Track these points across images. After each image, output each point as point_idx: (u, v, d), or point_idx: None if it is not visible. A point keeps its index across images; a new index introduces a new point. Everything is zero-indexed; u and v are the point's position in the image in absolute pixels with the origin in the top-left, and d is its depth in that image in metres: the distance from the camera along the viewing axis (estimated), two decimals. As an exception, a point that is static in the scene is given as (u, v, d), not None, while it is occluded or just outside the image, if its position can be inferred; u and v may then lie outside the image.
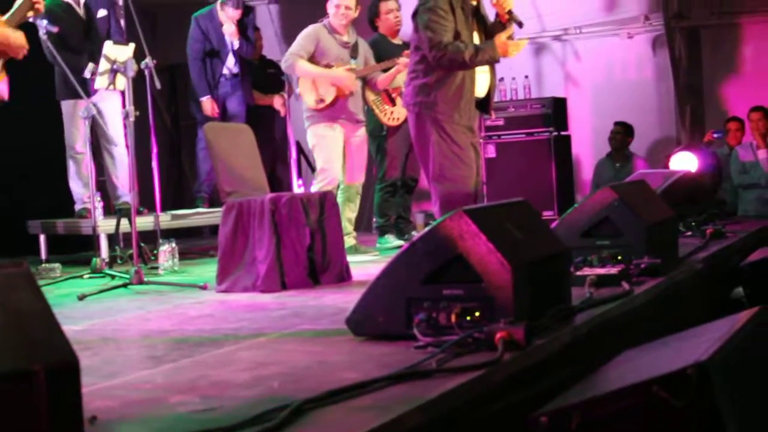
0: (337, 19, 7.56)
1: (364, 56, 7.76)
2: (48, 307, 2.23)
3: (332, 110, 7.51)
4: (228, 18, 8.77)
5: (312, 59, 7.49)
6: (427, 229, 3.59)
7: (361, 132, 7.74)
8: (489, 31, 6.19)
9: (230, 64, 8.98)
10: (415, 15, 6.20)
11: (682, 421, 2.60)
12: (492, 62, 6.08)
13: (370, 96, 8.17)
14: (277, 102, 9.23)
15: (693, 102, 10.80)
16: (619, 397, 2.70)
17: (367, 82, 7.95)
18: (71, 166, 8.03)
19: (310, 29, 7.59)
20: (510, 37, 6.04)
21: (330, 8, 7.60)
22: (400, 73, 7.66)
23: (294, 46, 7.55)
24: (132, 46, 6.94)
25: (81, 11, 7.97)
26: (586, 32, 11.09)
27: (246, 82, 9.10)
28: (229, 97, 9.02)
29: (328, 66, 7.51)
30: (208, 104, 8.87)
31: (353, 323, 3.70)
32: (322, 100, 7.46)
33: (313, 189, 7.36)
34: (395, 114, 8.13)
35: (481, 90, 6.23)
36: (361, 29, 8.07)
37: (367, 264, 6.73)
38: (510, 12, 6.12)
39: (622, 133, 10.40)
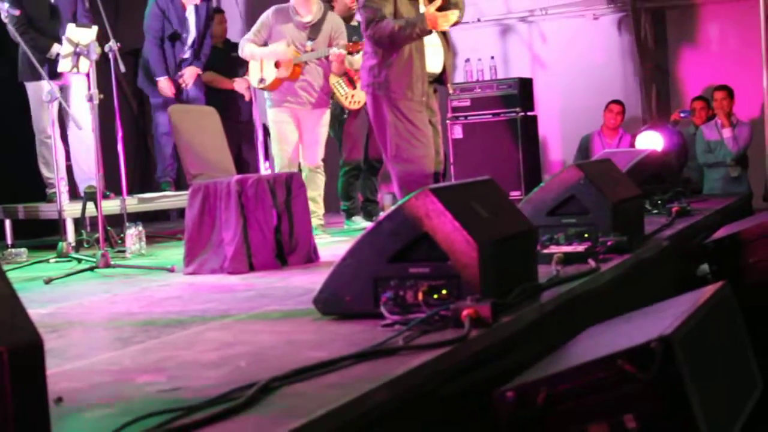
0: (298, 4, 7.49)
1: (329, 35, 7.63)
2: (11, 288, 2.21)
3: (280, 94, 7.49)
4: None
5: (267, 43, 7.45)
6: (392, 208, 3.59)
7: (318, 114, 7.64)
8: (443, 8, 6.10)
9: (187, 47, 8.92)
10: None
11: (646, 394, 2.63)
12: (423, 35, 5.97)
13: (332, 79, 8.15)
14: (240, 85, 9.16)
15: (658, 82, 10.86)
16: (584, 371, 2.72)
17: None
18: (41, 150, 7.98)
19: (268, 12, 7.57)
20: (441, 9, 5.99)
21: None
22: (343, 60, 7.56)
23: (249, 32, 7.57)
24: (95, 28, 6.89)
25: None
26: (552, 13, 11.12)
27: (197, 63, 9.02)
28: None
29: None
30: (165, 84, 8.83)
31: (320, 303, 3.70)
32: (262, 80, 7.43)
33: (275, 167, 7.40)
34: (356, 97, 8.09)
35: (435, 65, 6.19)
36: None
37: (334, 245, 6.72)
38: None
39: (621, 112, 10.36)
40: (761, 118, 9.85)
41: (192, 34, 8.90)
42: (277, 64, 7.45)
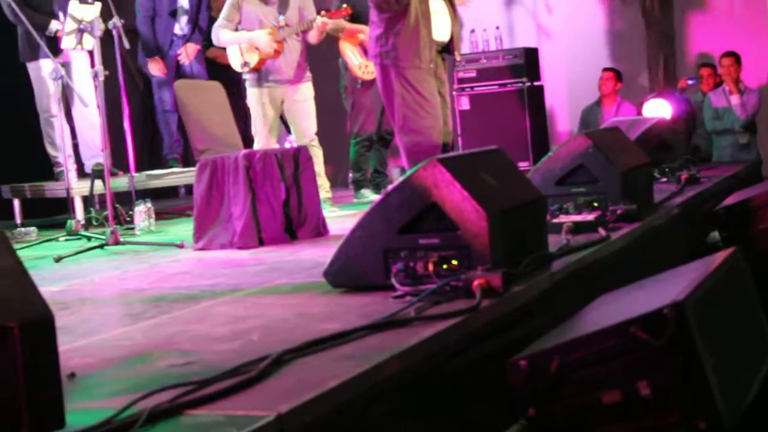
0: None
1: (298, 5, 7.42)
2: (21, 265, 2.22)
3: (259, 74, 7.35)
4: None
5: (240, 25, 7.35)
6: (401, 179, 3.58)
7: (303, 89, 7.47)
8: None
9: (183, 23, 8.87)
10: None
11: (660, 360, 2.62)
12: None
13: (346, 49, 8.11)
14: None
15: (665, 50, 10.79)
16: (597, 338, 2.72)
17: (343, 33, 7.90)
18: (46, 130, 7.97)
19: None
20: None
21: None
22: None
23: (220, 17, 7.39)
24: (98, 5, 6.87)
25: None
26: (557, -18, 11.06)
27: (197, 39, 8.96)
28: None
29: (259, 25, 7.28)
30: (154, 65, 8.79)
31: (331, 276, 3.69)
32: (246, 64, 7.32)
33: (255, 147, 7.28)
34: (369, 68, 8.03)
35: (442, 33, 6.16)
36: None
37: (343, 218, 6.71)
38: None
39: (613, 78, 10.32)
40: (769, 84, 9.82)
41: (186, 8, 8.85)
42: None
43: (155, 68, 8.78)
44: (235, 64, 7.36)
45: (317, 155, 7.42)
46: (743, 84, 9.71)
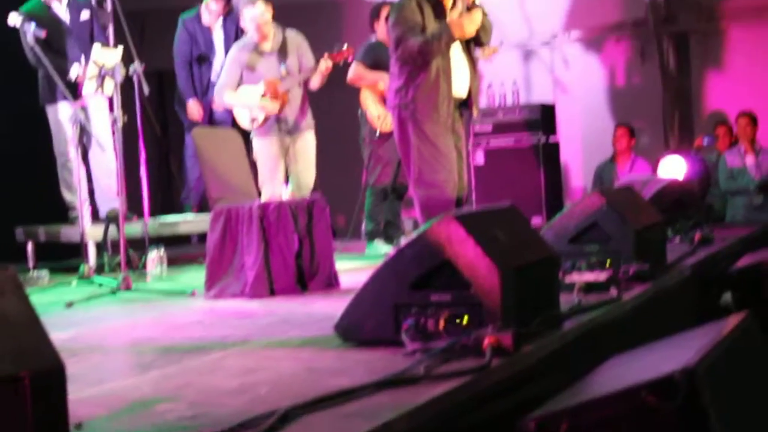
0: (255, 32, 7.38)
1: (297, 53, 7.49)
2: (34, 313, 2.23)
3: (266, 126, 7.40)
4: (210, 11, 8.73)
5: (241, 79, 7.39)
6: (415, 234, 3.58)
7: (307, 137, 7.54)
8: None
9: (218, 68, 8.94)
10: (387, 18, 6.24)
11: (670, 427, 2.60)
12: (451, 43, 6.00)
13: (366, 99, 8.14)
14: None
15: (681, 107, 10.83)
16: (607, 402, 2.70)
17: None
18: (62, 173, 8.01)
19: (233, 53, 7.47)
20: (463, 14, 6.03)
21: (246, 25, 7.43)
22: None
23: (221, 77, 7.45)
24: (120, 50, 6.91)
25: (64, 13, 7.94)
26: (575, 38, 11.12)
27: None
28: None
29: (260, 77, 7.35)
30: (194, 107, 8.83)
31: (342, 329, 3.69)
32: (254, 120, 7.38)
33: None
34: (388, 120, 8.05)
35: (461, 88, 6.19)
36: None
37: (355, 270, 6.71)
38: (474, 1, 6.10)
39: (626, 135, 10.32)
40: (785, 145, 9.81)
41: (219, 57, 8.92)
42: (263, 94, 7.40)
43: (195, 109, 8.82)
44: (244, 122, 7.40)
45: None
46: (759, 144, 9.71)
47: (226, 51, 8.82)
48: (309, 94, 7.60)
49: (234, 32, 8.95)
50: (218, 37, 8.89)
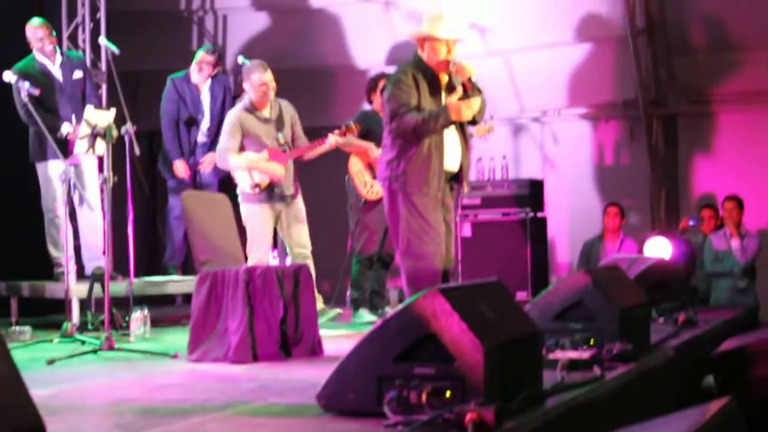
0: (260, 97, 7.46)
1: (291, 122, 7.63)
2: (16, 371, 2.22)
3: (266, 191, 7.47)
4: (198, 63, 8.78)
5: (241, 144, 7.45)
6: (400, 306, 3.59)
7: (299, 203, 7.65)
8: (465, 99, 6.18)
9: (203, 131, 8.97)
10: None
11: None
12: (447, 125, 6.06)
13: (354, 167, 8.19)
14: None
15: (669, 188, 10.90)
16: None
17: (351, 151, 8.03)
18: (49, 230, 8.01)
19: (232, 117, 7.52)
20: (463, 99, 6.09)
21: (251, 87, 7.48)
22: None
23: (222, 140, 7.49)
24: (113, 111, 6.96)
25: (56, 72, 8.00)
26: (565, 115, 11.21)
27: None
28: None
29: (259, 148, 7.45)
30: (181, 167, 8.85)
31: (324, 399, 3.68)
32: (257, 185, 7.42)
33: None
34: (375, 188, 8.12)
35: (453, 163, 6.24)
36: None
37: (339, 338, 6.70)
38: (470, 79, 6.17)
39: (619, 214, 10.36)
40: (770, 229, 9.88)
41: (207, 117, 8.96)
42: (267, 159, 7.45)
43: (181, 169, 8.83)
44: (244, 185, 7.44)
45: (311, 266, 7.48)
46: (744, 228, 9.77)
47: (213, 112, 8.90)
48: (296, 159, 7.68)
49: (222, 94, 9.02)
50: (206, 97, 8.94)
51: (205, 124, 8.96)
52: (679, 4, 10.55)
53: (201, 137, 8.99)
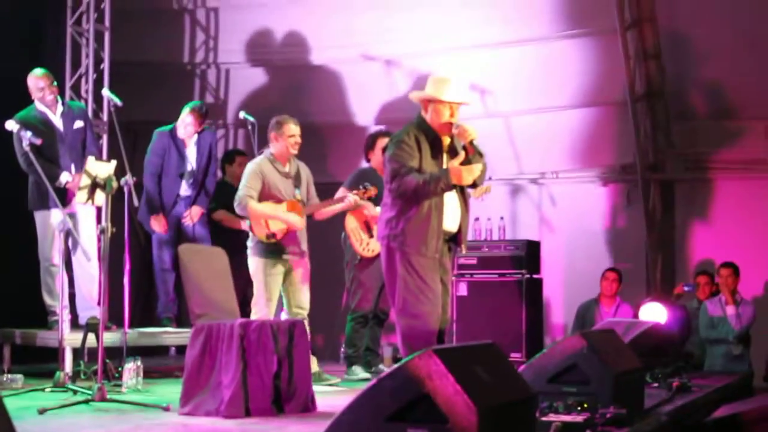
0: (287, 150, 7.59)
1: (306, 182, 7.76)
2: (9, 420, 2.22)
3: (279, 245, 7.52)
4: (184, 124, 8.82)
5: (260, 194, 7.52)
6: (395, 366, 3.59)
7: (305, 262, 7.71)
8: (467, 163, 6.23)
9: (188, 184, 8.98)
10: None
11: None
12: (447, 189, 6.10)
13: (350, 224, 8.22)
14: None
15: (664, 253, 10.92)
16: None
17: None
18: (45, 278, 8.02)
19: (254, 166, 7.60)
20: (465, 163, 6.14)
21: (281, 138, 7.60)
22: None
23: (243, 188, 7.55)
24: (113, 163, 7.00)
25: (57, 121, 8.05)
26: (563, 177, 11.25)
27: (202, 202, 9.08)
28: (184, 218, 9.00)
29: (277, 200, 7.54)
30: (157, 222, 8.84)
31: (315, 457, 3.67)
32: (273, 235, 7.47)
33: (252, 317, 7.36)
34: (371, 245, 8.17)
35: (451, 224, 6.27)
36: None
37: (332, 394, 6.69)
38: (471, 143, 6.22)
39: (617, 280, 10.36)
40: (765, 297, 9.86)
41: (192, 171, 8.96)
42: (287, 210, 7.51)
43: (157, 225, 8.84)
44: (260, 233, 7.47)
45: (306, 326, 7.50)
46: (740, 295, 9.77)
47: (198, 166, 8.92)
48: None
49: (208, 148, 9.05)
50: (191, 151, 8.97)
51: (189, 177, 8.96)
52: (679, 72, 10.64)
53: (185, 191, 8.99)
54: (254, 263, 7.54)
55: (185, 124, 8.84)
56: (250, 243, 7.59)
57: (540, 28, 10.59)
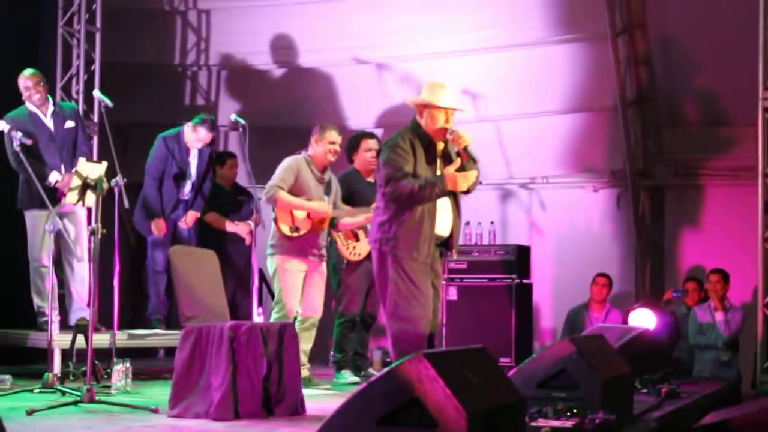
0: (326, 156, 7.67)
1: (335, 194, 7.82)
2: None
3: (301, 243, 7.54)
4: (199, 140, 8.83)
5: (290, 191, 7.53)
6: (385, 370, 3.59)
7: (323, 267, 7.77)
8: (462, 169, 6.25)
9: (187, 188, 8.99)
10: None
11: None
12: (442, 195, 6.11)
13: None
14: (243, 229, 9.20)
15: (653, 258, 10.94)
16: None
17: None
18: (34, 278, 8.01)
19: (291, 161, 7.64)
20: (460, 169, 6.15)
21: (321, 143, 7.66)
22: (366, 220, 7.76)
23: (275, 178, 7.56)
24: (104, 164, 6.99)
25: (48, 121, 8.04)
26: (553, 182, 11.27)
27: (198, 206, 9.10)
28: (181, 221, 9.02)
29: (307, 198, 7.57)
30: (158, 225, 8.83)
31: (305, 460, 3.67)
32: (297, 229, 7.49)
33: (272, 319, 7.41)
34: (357, 249, 8.18)
35: (443, 229, 6.27)
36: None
37: (322, 397, 6.68)
38: (465, 149, 6.23)
39: (608, 285, 10.38)
40: (754, 303, 9.88)
41: (193, 177, 9.00)
42: (308, 215, 7.54)
43: (158, 228, 8.84)
44: (285, 228, 7.50)
45: (313, 333, 7.54)
46: (729, 302, 9.79)
47: (198, 171, 8.94)
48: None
49: (208, 158, 9.08)
50: (193, 158, 8.97)
51: (189, 182, 8.98)
52: (669, 78, 10.67)
53: (186, 195, 9.01)
54: (275, 262, 7.55)
55: (201, 139, 8.85)
56: (271, 241, 7.61)
57: (531, 33, 10.60)
